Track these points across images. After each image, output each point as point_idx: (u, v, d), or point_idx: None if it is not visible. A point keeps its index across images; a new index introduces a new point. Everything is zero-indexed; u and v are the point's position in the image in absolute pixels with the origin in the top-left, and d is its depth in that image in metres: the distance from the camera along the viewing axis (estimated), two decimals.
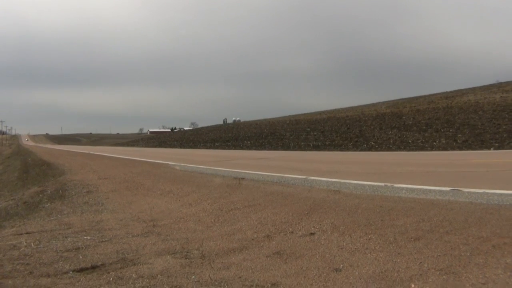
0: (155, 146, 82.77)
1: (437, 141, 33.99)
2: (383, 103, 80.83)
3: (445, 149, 30.40)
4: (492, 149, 28.12)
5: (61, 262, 5.76)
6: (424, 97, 73.95)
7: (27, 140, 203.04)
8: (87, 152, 52.43)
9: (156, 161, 25.37)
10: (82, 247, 6.50)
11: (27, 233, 8.01)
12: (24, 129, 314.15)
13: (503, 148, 27.94)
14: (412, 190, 8.79)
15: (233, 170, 15.92)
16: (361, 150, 35.33)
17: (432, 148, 31.62)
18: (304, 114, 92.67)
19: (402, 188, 9.02)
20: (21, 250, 6.48)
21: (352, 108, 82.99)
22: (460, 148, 29.87)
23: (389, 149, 34.00)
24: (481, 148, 29.09)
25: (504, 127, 34.66)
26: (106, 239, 7.01)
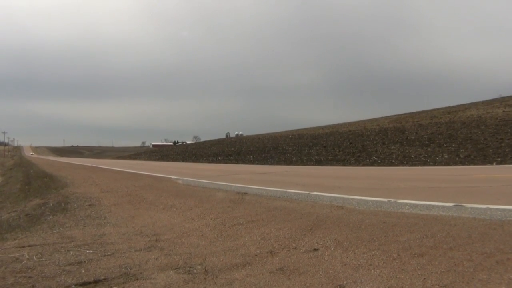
0: (157, 160, 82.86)
1: (440, 156, 33.95)
2: (386, 117, 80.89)
3: (447, 164, 30.35)
4: (494, 163, 28.08)
5: (64, 276, 5.75)
6: (427, 112, 73.99)
7: (32, 154, 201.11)
8: (89, 164, 52.49)
9: (158, 174, 25.36)
10: (85, 261, 6.47)
11: (29, 245, 7.96)
12: (26, 141, 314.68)
13: (505, 163, 27.93)
14: (415, 205, 8.76)
15: (235, 184, 15.84)
16: (364, 165, 35.27)
17: (435, 163, 31.57)
18: (307, 129, 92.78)
19: (405, 204, 8.99)
20: (23, 263, 6.47)
21: (354, 123, 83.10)
22: (463, 163, 29.84)
23: (391, 164, 33.96)
24: (483, 163, 29.06)
25: (506, 141, 34.66)
26: (108, 253, 6.98)
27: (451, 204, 8.55)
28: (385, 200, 9.69)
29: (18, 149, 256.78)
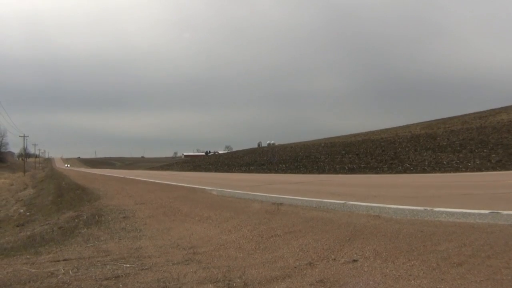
0: (190, 170, 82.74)
1: (472, 162, 33.62)
2: (417, 124, 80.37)
3: (479, 169, 30.05)
4: None
5: None
6: (458, 117, 73.35)
7: (67, 166, 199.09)
8: (121, 176, 52.61)
9: (192, 185, 25.33)
10: (122, 275, 6.49)
11: (64, 260, 8.01)
12: (57, 153, 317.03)
13: None
14: (452, 214, 8.70)
15: (270, 195, 15.79)
16: (396, 172, 35.04)
17: (467, 169, 31.28)
18: (339, 137, 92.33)
19: (442, 212, 8.94)
20: (59, 277, 6.48)
21: (386, 130, 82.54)
22: (494, 168, 29.51)
23: (424, 171, 33.67)
24: None
25: None
26: (146, 267, 7.00)
27: (487, 212, 8.49)
28: (422, 208, 9.63)
29: (49, 161, 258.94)
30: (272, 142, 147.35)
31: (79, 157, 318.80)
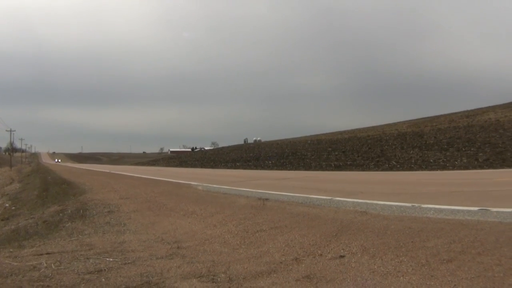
0: (176, 166, 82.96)
1: (459, 160, 33.76)
2: (404, 122, 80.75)
3: (466, 168, 30.21)
4: None
5: (83, 285, 5.66)
6: (445, 116, 73.73)
7: (58, 161, 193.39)
8: (107, 171, 52.61)
9: (177, 181, 25.36)
10: (105, 269, 6.39)
11: (47, 253, 7.93)
12: (43, 148, 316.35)
13: None
14: (440, 210, 8.66)
15: (256, 190, 15.79)
16: (383, 170, 35.18)
17: (454, 167, 31.41)
18: (325, 134, 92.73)
19: (430, 209, 8.89)
20: (41, 271, 6.39)
21: (373, 128, 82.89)
22: (482, 167, 29.66)
23: (410, 168, 33.82)
24: (502, 166, 28.87)
25: None
26: (129, 261, 6.90)
27: (476, 209, 8.48)
28: (409, 205, 9.59)
29: (35, 155, 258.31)
30: (258, 138, 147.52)
31: (66, 153, 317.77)
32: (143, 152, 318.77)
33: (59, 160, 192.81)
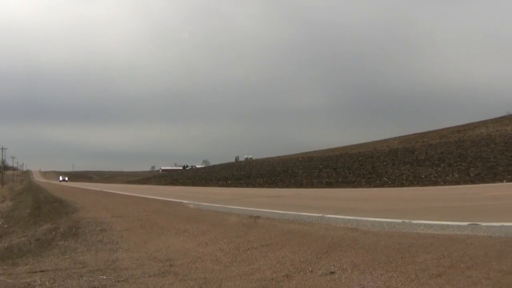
0: (167, 184, 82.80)
1: (450, 175, 33.83)
2: (395, 138, 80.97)
3: (458, 183, 30.25)
4: (504, 181, 27.96)
5: None
6: (436, 131, 74.01)
7: (65, 180, 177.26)
8: (99, 189, 52.61)
9: (169, 199, 25.44)
10: (98, 287, 6.43)
11: (41, 271, 7.98)
12: (35, 166, 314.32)
13: None
14: (430, 226, 8.70)
15: (247, 208, 15.85)
16: (374, 186, 35.20)
17: (445, 182, 31.45)
18: (317, 151, 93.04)
19: (420, 224, 8.94)
20: None
21: (364, 144, 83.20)
22: (473, 182, 29.71)
23: (402, 184, 33.84)
24: (493, 181, 28.92)
25: None
26: (122, 278, 6.94)
27: (465, 223, 8.51)
28: (400, 221, 9.65)
29: (27, 173, 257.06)
30: (249, 156, 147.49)
31: (57, 171, 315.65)
32: (153, 168, 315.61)
33: (66, 179, 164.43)
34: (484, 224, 8.27)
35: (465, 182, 29.96)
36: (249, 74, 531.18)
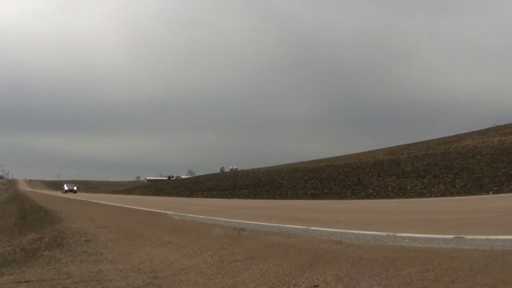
0: (152, 194, 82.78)
1: (436, 187, 33.87)
2: (381, 150, 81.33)
3: (444, 194, 30.29)
4: (491, 193, 28.03)
5: None
6: (422, 143, 74.32)
7: (74, 189, 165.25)
8: (84, 199, 52.43)
9: (154, 210, 25.37)
10: None
11: (26, 281, 7.97)
12: (21, 174, 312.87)
13: (502, 192, 27.80)
14: (415, 239, 8.70)
15: (232, 220, 15.80)
16: (359, 198, 35.20)
17: (431, 194, 31.50)
18: (302, 163, 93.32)
19: (405, 237, 8.93)
20: None
21: (349, 156, 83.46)
22: (459, 193, 29.76)
23: (387, 196, 33.90)
24: (480, 192, 28.97)
25: (502, 170, 34.56)
26: None
27: (451, 236, 8.49)
28: (384, 234, 9.63)
29: (13, 182, 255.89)
30: (234, 167, 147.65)
31: (43, 180, 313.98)
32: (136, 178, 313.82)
33: (75, 188, 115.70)
34: (469, 237, 8.26)
35: (451, 194, 30.00)
36: (235, 84, 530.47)
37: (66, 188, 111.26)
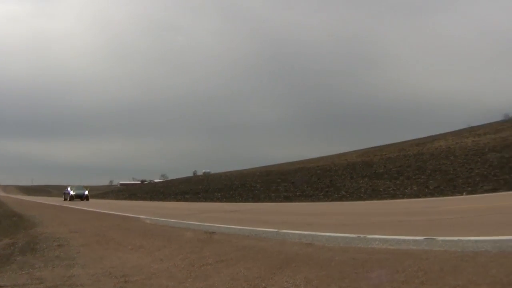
0: (125, 199, 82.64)
1: (409, 188, 34.03)
2: (354, 152, 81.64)
3: (417, 196, 30.43)
4: (464, 194, 28.20)
5: None
6: (395, 144, 74.76)
7: (85, 193, 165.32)
8: (58, 204, 52.04)
9: (126, 214, 25.38)
10: None
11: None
12: None
13: (475, 192, 27.96)
14: (386, 240, 8.67)
15: (203, 223, 15.86)
16: (332, 200, 35.36)
17: (404, 195, 31.66)
18: (275, 165, 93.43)
19: (375, 239, 8.91)
20: None
21: (322, 158, 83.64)
22: (432, 195, 29.90)
23: (360, 198, 34.01)
24: (453, 193, 29.14)
25: (476, 171, 34.77)
26: None
27: (422, 238, 8.49)
28: (355, 236, 9.61)
29: None
30: (207, 170, 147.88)
31: (16, 185, 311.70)
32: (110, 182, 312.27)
33: (86, 193, 67.93)
34: (440, 238, 8.25)
35: (424, 195, 30.14)
36: (207, 88, 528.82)
37: (71, 192, 68.97)
